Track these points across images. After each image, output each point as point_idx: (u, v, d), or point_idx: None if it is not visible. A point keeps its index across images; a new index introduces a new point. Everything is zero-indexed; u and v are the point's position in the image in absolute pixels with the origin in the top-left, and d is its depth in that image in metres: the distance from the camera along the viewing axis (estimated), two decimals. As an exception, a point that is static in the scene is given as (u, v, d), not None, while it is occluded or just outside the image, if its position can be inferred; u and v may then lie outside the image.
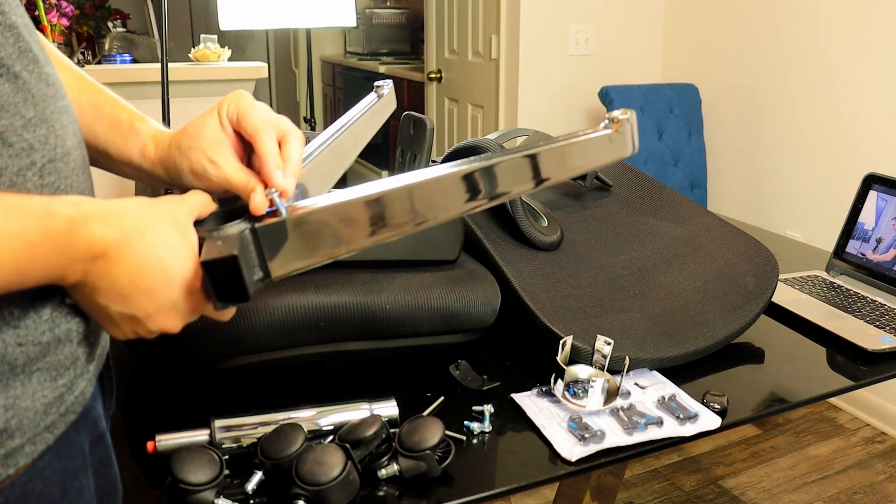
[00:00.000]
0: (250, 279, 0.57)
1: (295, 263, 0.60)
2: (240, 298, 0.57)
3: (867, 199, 1.35)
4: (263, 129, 0.66)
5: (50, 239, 0.51)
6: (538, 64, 2.99)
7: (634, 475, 2.23)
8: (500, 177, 0.63)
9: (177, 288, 0.57)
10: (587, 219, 1.27)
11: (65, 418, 0.58)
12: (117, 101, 0.74)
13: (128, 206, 0.56)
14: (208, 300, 0.58)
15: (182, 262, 0.56)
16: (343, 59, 5.26)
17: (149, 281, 0.55)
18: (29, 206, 0.51)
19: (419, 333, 0.99)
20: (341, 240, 0.61)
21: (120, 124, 0.71)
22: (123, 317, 0.56)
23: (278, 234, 0.59)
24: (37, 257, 0.50)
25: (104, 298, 0.55)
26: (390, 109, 0.85)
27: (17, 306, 0.53)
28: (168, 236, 0.56)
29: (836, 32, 2.46)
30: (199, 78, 2.79)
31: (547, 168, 0.64)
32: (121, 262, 0.54)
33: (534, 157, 0.64)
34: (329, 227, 0.60)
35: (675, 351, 1.01)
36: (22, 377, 0.54)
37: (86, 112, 0.71)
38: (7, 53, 0.53)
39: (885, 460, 2.32)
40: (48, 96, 0.57)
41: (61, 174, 0.57)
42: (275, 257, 0.59)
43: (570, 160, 0.67)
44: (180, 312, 0.58)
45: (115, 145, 0.72)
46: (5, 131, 0.52)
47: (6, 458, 0.53)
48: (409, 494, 0.77)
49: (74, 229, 0.52)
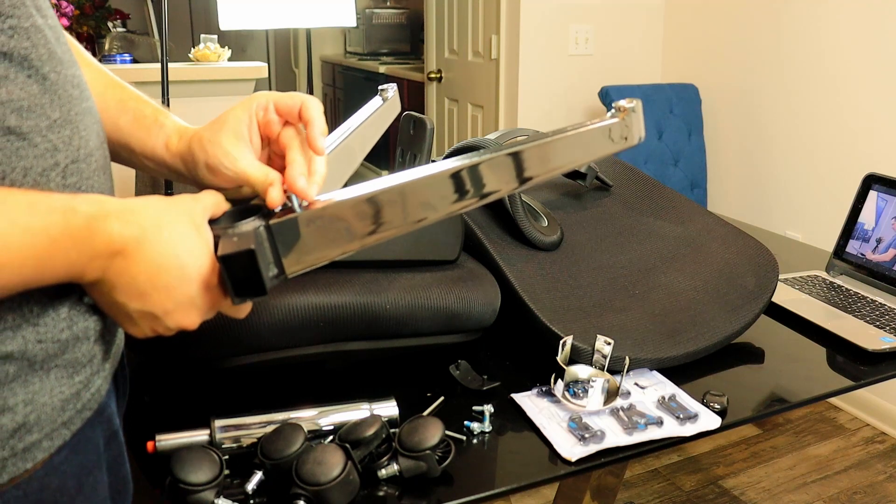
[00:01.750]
0: (267, 273, 0.57)
1: (309, 259, 0.61)
2: (257, 292, 0.57)
3: (867, 199, 1.35)
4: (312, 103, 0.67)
5: (71, 235, 0.51)
6: (538, 64, 2.99)
7: (634, 475, 2.23)
8: (522, 164, 0.67)
9: (194, 284, 0.57)
10: (587, 219, 1.27)
11: (81, 415, 0.59)
12: (141, 97, 0.75)
13: (145, 205, 0.57)
14: (225, 296, 0.59)
15: (199, 258, 0.57)
16: (343, 59, 5.26)
17: (166, 278, 0.56)
18: (50, 203, 0.52)
19: (419, 333, 0.99)
20: (355, 234, 0.62)
21: (144, 118, 0.72)
22: (141, 314, 0.57)
23: (292, 230, 0.59)
24: (58, 253, 0.51)
25: (122, 296, 0.56)
26: (395, 112, 0.86)
27: (37, 304, 0.54)
28: (185, 234, 0.57)
29: (836, 33, 2.46)
30: (199, 78, 2.80)
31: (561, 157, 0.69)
32: (139, 259, 0.55)
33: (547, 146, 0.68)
34: (343, 222, 0.61)
35: (675, 351, 1.01)
36: (41, 373, 0.55)
37: (110, 107, 0.72)
38: (38, 55, 0.54)
39: (885, 460, 2.32)
40: (74, 98, 0.58)
41: (83, 175, 0.58)
42: (289, 253, 0.59)
43: (581, 149, 0.71)
44: (198, 309, 0.59)
45: (139, 139, 0.72)
46: (31, 132, 0.53)
47: (24, 453, 0.55)
48: (409, 494, 0.77)
49: (94, 226, 0.53)
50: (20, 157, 0.52)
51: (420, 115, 1.23)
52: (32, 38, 0.54)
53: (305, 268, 0.60)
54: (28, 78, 0.53)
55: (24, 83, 0.53)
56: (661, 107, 2.83)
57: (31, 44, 0.54)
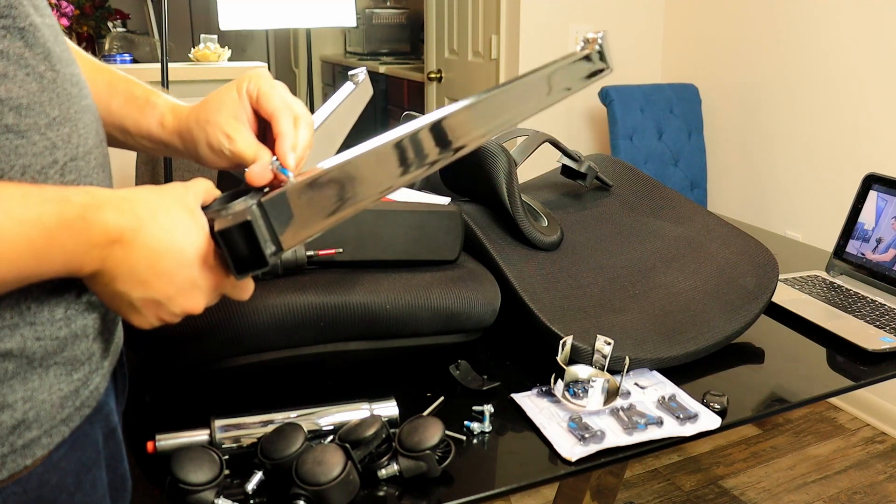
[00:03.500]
0: (265, 247, 0.58)
1: (304, 231, 0.61)
2: (258, 265, 0.58)
3: (867, 199, 1.35)
4: (283, 110, 0.67)
5: (66, 225, 0.51)
6: (538, 64, 2.97)
7: (634, 475, 2.23)
8: (503, 105, 0.70)
9: (195, 266, 0.57)
10: (587, 219, 1.27)
11: (80, 412, 0.59)
12: (130, 79, 0.75)
13: (138, 193, 0.57)
14: (227, 274, 0.59)
15: (196, 240, 0.57)
16: (343, 59, 5.26)
17: (166, 263, 0.56)
18: (44, 194, 0.52)
19: (419, 333, 0.99)
20: (346, 200, 0.62)
21: (136, 98, 0.73)
22: (145, 302, 0.57)
23: (283, 203, 0.60)
24: (54, 244, 0.51)
25: (123, 285, 0.56)
26: (368, 95, 0.87)
27: (35, 301, 0.54)
28: (180, 217, 0.57)
29: (837, 32, 2.46)
30: (199, 78, 2.80)
31: (538, 93, 0.73)
32: (137, 246, 0.55)
33: (526, 81, 0.71)
34: (333, 189, 0.61)
35: (675, 351, 1.01)
36: (39, 371, 0.55)
37: (100, 91, 0.72)
38: (36, 53, 0.55)
39: (885, 460, 2.32)
40: (73, 96, 0.58)
41: (82, 172, 0.58)
42: (284, 227, 0.60)
43: (557, 82, 0.74)
44: (201, 291, 0.59)
45: (133, 119, 0.73)
46: (29, 130, 0.53)
47: (24, 449, 0.55)
48: (409, 494, 0.77)
49: (89, 216, 0.53)
50: (18, 156, 0.52)
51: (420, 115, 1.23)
52: (30, 37, 0.54)
53: (302, 240, 0.61)
54: (27, 76, 0.53)
55: (23, 81, 0.53)
56: (661, 107, 2.83)
57: (29, 42, 0.54)
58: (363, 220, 0.96)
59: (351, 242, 0.95)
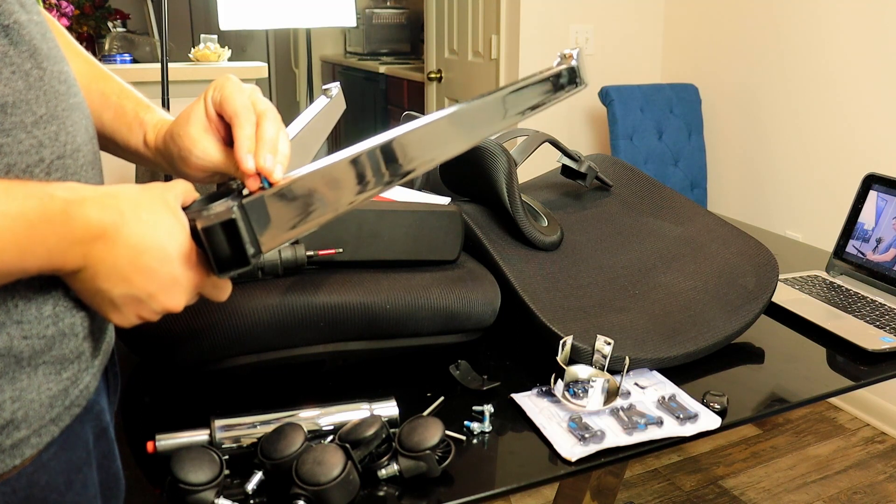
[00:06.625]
0: (247, 244, 0.58)
1: (283, 235, 0.61)
2: (239, 263, 0.58)
3: (867, 199, 1.35)
4: (242, 113, 0.65)
5: (48, 220, 0.51)
6: (538, 64, 2.98)
7: (634, 475, 2.23)
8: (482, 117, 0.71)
9: (176, 263, 0.57)
10: (587, 219, 1.27)
11: (69, 411, 0.59)
12: (125, 90, 0.75)
13: (120, 190, 0.57)
14: (209, 273, 0.60)
15: (178, 238, 0.58)
16: (343, 59, 5.26)
17: (148, 259, 0.56)
18: (27, 189, 0.51)
19: (419, 333, 0.99)
20: (327, 204, 0.62)
21: (125, 114, 0.73)
22: (126, 299, 0.57)
23: (262, 207, 0.60)
24: (37, 239, 0.51)
25: (105, 282, 0.55)
26: (341, 109, 0.87)
27: (21, 299, 0.54)
28: (162, 215, 0.57)
29: (836, 32, 2.46)
30: (199, 78, 2.80)
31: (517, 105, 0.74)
32: (119, 242, 0.55)
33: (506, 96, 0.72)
34: (313, 193, 0.62)
35: (675, 351, 1.01)
36: (28, 370, 0.55)
37: (94, 101, 0.72)
38: (21, 51, 0.54)
39: (885, 460, 2.32)
40: (60, 94, 0.58)
41: (69, 170, 0.57)
42: (263, 231, 0.60)
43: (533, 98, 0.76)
44: (182, 288, 0.59)
45: (121, 135, 0.73)
46: (14, 128, 0.53)
47: (13, 449, 0.54)
48: (409, 494, 0.77)
49: (71, 211, 0.52)
50: (3, 154, 0.52)
51: (420, 116, 1.23)
52: (15, 35, 0.54)
53: (281, 242, 0.61)
54: (12, 74, 0.53)
55: (9, 79, 0.53)
56: (661, 107, 2.83)
57: (13, 40, 0.54)
58: (363, 219, 0.96)
59: (351, 242, 0.95)
